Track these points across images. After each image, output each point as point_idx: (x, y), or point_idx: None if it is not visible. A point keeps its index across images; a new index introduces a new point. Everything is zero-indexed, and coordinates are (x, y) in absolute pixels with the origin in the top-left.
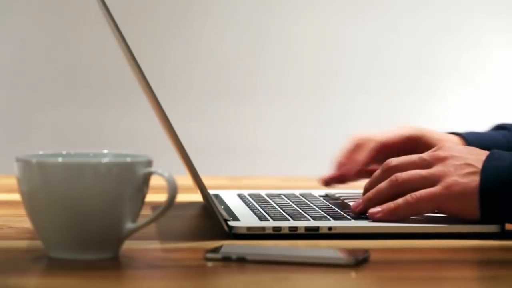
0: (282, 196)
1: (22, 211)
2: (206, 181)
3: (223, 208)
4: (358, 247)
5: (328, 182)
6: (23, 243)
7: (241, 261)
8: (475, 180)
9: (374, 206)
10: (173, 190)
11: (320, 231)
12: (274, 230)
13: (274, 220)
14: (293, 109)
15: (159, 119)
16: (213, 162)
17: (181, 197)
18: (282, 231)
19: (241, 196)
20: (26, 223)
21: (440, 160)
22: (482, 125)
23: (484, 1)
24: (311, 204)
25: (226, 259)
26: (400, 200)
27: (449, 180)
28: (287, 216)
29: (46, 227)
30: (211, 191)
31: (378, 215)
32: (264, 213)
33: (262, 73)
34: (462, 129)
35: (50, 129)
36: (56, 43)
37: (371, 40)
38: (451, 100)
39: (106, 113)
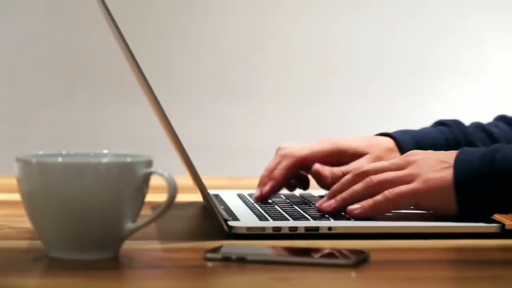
0: (282, 196)
1: (22, 211)
2: (206, 181)
3: (223, 208)
4: (358, 247)
5: (259, 199)
6: (23, 243)
7: (241, 261)
8: (449, 173)
9: (349, 205)
10: (173, 190)
11: (320, 231)
12: (274, 230)
13: (274, 220)
14: (293, 109)
15: (159, 119)
16: (213, 162)
17: (181, 197)
18: (282, 231)
19: (241, 196)
20: (26, 223)
21: (412, 162)
22: None
23: (485, 0)
24: (311, 204)
25: (226, 259)
26: (379, 196)
27: (425, 176)
28: (287, 216)
29: (46, 227)
30: (211, 191)
31: (357, 211)
32: (264, 213)
33: (262, 73)
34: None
35: (50, 129)
36: (57, 42)
37: (371, 40)
38: (451, 100)
39: (106, 113)
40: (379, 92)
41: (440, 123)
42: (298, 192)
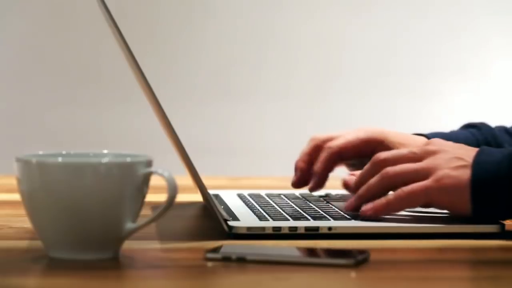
0: (282, 196)
1: (22, 211)
2: (206, 181)
3: (223, 208)
4: (358, 247)
5: (297, 185)
6: (23, 243)
7: (241, 261)
8: (466, 173)
9: (366, 202)
10: (173, 190)
11: (320, 231)
12: (274, 230)
13: (274, 220)
14: (293, 109)
15: (159, 119)
16: (213, 162)
17: (181, 197)
18: (282, 231)
19: (241, 196)
20: (26, 223)
21: (430, 153)
22: None
23: (487, 2)
24: (311, 204)
25: (226, 259)
26: (391, 196)
27: (440, 173)
28: (287, 216)
29: (46, 227)
30: (211, 191)
31: (369, 212)
32: (264, 213)
33: (262, 73)
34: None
35: (50, 129)
36: (56, 43)
37: (373, 40)
38: (453, 101)
39: (106, 113)
40: (381, 92)
41: (469, 126)
42: (298, 192)
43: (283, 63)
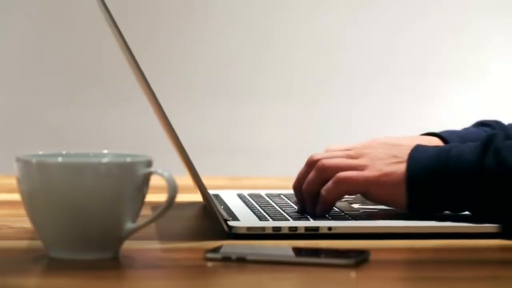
0: (282, 196)
1: (22, 211)
2: (206, 181)
3: (223, 208)
4: (358, 247)
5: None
6: (23, 243)
7: (241, 261)
8: (401, 168)
9: (310, 199)
10: (173, 190)
11: (320, 231)
12: (274, 230)
13: (274, 220)
14: (293, 109)
15: (159, 119)
16: (213, 162)
17: (181, 197)
18: (282, 231)
19: (241, 196)
20: (26, 223)
21: (364, 154)
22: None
23: (487, 2)
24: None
25: (226, 259)
26: (329, 183)
27: (377, 167)
28: (287, 216)
29: (46, 227)
30: (211, 191)
31: (317, 210)
32: (264, 213)
33: (263, 73)
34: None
35: (50, 129)
36: (56, 43)
37: (373, 41)
38: (453, 101)
39: (106, 113)
40: (381, 93)
41: (482, 124)
42: None
43: (283, 63)
